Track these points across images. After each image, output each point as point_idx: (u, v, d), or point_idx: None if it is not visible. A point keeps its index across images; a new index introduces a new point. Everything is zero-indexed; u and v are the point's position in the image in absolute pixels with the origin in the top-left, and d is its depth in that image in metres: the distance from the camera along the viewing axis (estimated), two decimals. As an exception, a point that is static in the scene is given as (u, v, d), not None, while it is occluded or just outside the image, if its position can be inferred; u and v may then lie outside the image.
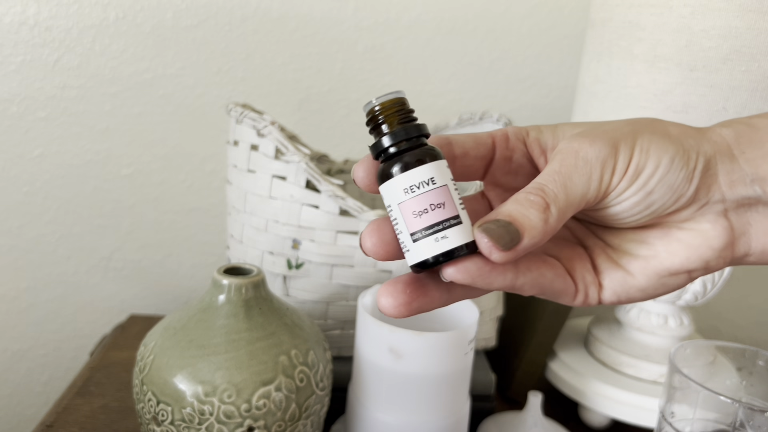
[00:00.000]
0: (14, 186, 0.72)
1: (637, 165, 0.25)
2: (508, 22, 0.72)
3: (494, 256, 0.23)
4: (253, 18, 0.70)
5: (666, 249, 0.27)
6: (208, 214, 0.76)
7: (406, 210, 0.23)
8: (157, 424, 0.40)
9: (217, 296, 0.41)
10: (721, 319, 0.83)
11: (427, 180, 0.23)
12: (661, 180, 0.25)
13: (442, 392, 0.43)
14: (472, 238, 0.23)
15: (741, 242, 0.27)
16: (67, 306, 0.77)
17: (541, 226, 0.24)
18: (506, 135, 0.28)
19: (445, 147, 0.27)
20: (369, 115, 0.25)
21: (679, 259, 0.27)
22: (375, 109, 0.24)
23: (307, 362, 0.41)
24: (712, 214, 0.27)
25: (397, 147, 0.24)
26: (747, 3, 0.43)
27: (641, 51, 0.47)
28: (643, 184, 0.25)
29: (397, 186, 0.23)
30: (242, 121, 0.51)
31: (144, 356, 0.41)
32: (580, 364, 0.58)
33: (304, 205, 0.49)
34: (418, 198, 0.23)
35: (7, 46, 0.69)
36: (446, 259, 0.23)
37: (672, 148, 0.25)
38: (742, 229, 0.27)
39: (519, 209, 0.24)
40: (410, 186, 0.23)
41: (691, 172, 0.26)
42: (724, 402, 0.36)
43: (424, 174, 0.23)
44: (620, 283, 0.27)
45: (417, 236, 0.23)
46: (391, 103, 0.24)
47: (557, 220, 0.24)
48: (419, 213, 0.23)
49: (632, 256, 0.27)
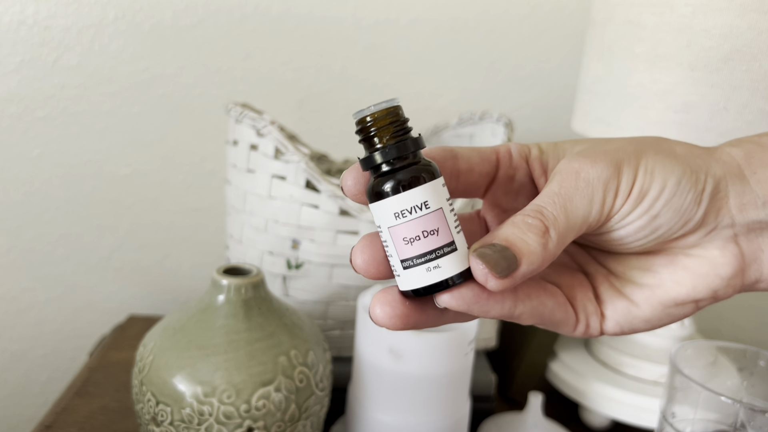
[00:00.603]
0: (13, 186, 0.72)
1: (641, 187, 0.24)
2: (509, 21, 0.72)
3: (490, 284, 0.22)
4: (252, 17, 0.70)
5: (672, 278, 0.25)
6: (207, 214, 0.76)
7: (396, 235, 0.22)
8: (157, 425, 0.40)
9: (217, 296, 0.41)
10: (722, 320, 0.83)
11: (420, 204, 0.21)
12: (667, 203, 0.24)
13: (443, 393, 0.43)
14: (468, 265, 0.22)
15: (752, 269, 0.26)
16: (66, 306, 0.77)
17: (540, 252, 0.22)
18: (510, 152, 0.27)
19: (449, 161, 0.25)
20: (359, 125, 0.22)
21: (685, 289, 0.25)
22: (366, 120, 0.22)
23: (306, 363, 0.41)
24: (721, 240, 0.25)
25: (390, 165, 0.22)
26: (748, 2, 0.43)
27: (642, 50, 0.47)
28: (649, 207, 0.24)
29: (387, 208, 0.22)
30: (242, 120, 0.50)
31: (143, 357, 0.41)
32: (581, 364, 0.58)
33: (303, 205, 0.49)
34: (410, 224, 0.21)
35: (5, 45, 0.68)
36: (439, 289, 0.22)
37: (679, 168, 0.24)
38: (753, 255, 0.26)
39: (516, 233, 0.22)
40: (401, 210, 0.21)
41: (700, 194, 0.24)
42: (725, 402, 0.36)
43: (417, 197, 0.21)
44: (624, 313, 0.26)
45: (408, 264, 0.22)
46: (385, 114, 0.22)
47: (557, 245, 0.23)
48: (411, 240, 0.22)
49: (636, 284, 0.26)
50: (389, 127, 0.22)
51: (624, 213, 0.24)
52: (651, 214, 0.24)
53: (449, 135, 0.62)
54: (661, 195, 0.24)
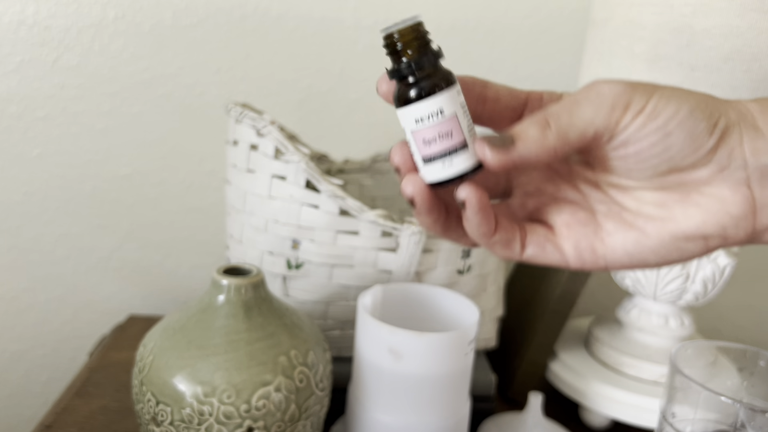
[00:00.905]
0: (13, 186, 0.72)
1: (655, 106, 0.25)
2: (509, 21, 0.72)
3: (487, 156, 0.25)
4: (252, 17, 0.70)
5: (683, 212, 0.27)
6: (207, 214, 0.76)
7: (417, 138, 0.26)
8: (157, 425, 0.40)
9: (217, 296, 0.41)
10: (722, 320, 0.83)
11: (436, 111, 0.25)
12: (680, 123, 0.25)
13: (443, 393, 0.43)
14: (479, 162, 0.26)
15: (763, 214, 0.27)
16: (66, 306, 0.77)
17: (537, 138, 0.25)
18: (541, 96, 0.29)
19: (478, 87, 0.28)
20: (386, 40, 0.26)
21: (695, 223, 0.26)
22: (393, 36, 0.26)
23: (306, 363, 0.41)
24: (733, 181, 0.26)
25: (412, 76, 0.25)
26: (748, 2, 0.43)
27: (642, 50, 0.47)
28: (663, 124, 0.25)
29: (409, 115, 0.26)
30: (242, 120, 0.50)
31: (143, 357, 0.41)
32: (581, 364, 0.58)
33: (303, 205, 0.49)
34: (428, 129, 0.25)
35: (5, 45, 0.68)
36: (453, 182, 0.26)
37: (694, 100, 0.26)
38: (765, 200, 0.26)
39: (520, 126, 0.26)
40: (420, 117, 0.25)
41: (712, 126, 0.26)
42: (725, 402, 0.36)
43: (434, 106, 0.25)
44: (634, 242, 0.27)
45: (427, 161, 0.26)
46: (408, 30, 0.26)
47: (556, 137, 0.25)
48: (428, 141, 0.25)
49: (648, 217, 0.27)
50: (412, 42, 0.26)
51: (637, 126, 0.25)
52: (665, 131, 0.25)
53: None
54: (675, 115, 0.25)
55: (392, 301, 0.47)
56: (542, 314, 0.58)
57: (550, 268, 0.59)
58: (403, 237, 0.48)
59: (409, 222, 0.48)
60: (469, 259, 0.53)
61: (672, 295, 0.54)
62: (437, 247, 0.51)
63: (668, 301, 0.55)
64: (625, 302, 0.59)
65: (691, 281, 0.53)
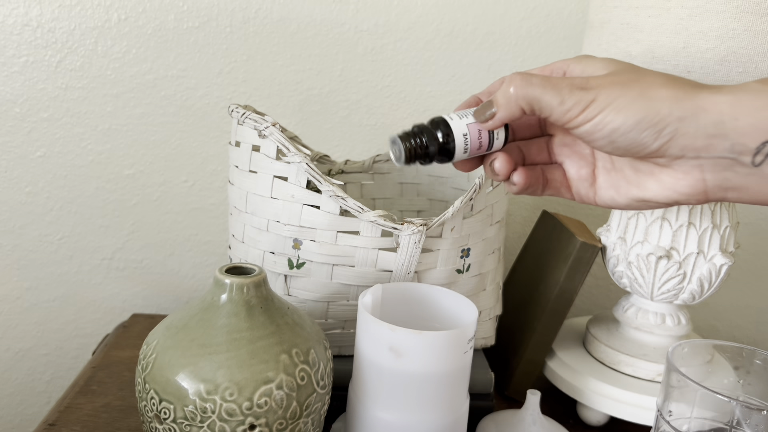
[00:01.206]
0: (17, 186, 0.73)
1: (603, 118, 0.31)
2: (507, 23, 0.73)
3: (486, 126, 0.35)
4: (254, 20, 0.71)
5: (646, 183, 0.34)
6: (209, 214, 0.76)
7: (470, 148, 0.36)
8: (159, 423, 0.40)
9: (219, 295, 0.42)
10: (718, 318, 0.83)
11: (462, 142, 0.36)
12: (623, 135, 0.31)
13: (442, 391, 0.43)
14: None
15: (714, 193, 0.32)
16: (69, 305, 0.77)
17: (505, 104, 0.33)
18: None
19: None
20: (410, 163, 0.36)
21: (652, 193, 0.34)
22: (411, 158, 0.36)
23: (308, 361, 0.42)
24: (688, 166, 0.32)
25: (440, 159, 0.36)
26: (744, 5, 0.44)
27: (639, 52, 0.48)
28: (607, 134, 0.32)
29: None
30: (244, 122, 0.51)
31: (146, 355, 0.42)
32: (579, 362, 0.58)
33: (305, 206, 0.49)
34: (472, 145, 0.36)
35: (10, 47, 0.69)
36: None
37: (643, 111, 0.31)
38: (718, 184, 0.32)
39: (497, 94, 0.34)
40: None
41: (656, 134, 0.31)
42: (721, 400, 0.36)
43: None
44: (611, 199, 0.36)
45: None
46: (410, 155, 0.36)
47: (520, 104, 0.33)
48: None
49: (625, 179, 0.35)
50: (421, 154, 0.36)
51: (584, 132, 0.32)
52: (609, 138, 0.32)
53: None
54: (619, 128, 0.31)
55: (392, 299, 0.47)
56: (540, 313, 0.58)
57: (548, 270, 0.60)
58: (403, 237, 0.49)
59: (409, 222, 0.49)
60: (468, 258, 0.53)
61: (669, 294, 0.54)
62: (437, 247, 0.51)
63: (665, 300, 0.55)
64: (622, 301, 0.59)
65: (688, 280, 0.53)
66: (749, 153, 0.30)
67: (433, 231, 0.50)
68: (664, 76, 0.32)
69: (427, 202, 0.67)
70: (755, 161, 0.31)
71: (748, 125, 0.30)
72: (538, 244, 0.66)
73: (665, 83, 0.31)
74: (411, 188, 0.67)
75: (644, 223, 0.54)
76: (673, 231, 0.53)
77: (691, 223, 0.52)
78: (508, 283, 0.67)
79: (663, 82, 0.31)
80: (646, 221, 0.54)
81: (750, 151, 0.30)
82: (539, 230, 0.67)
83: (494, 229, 0.55)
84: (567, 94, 0.32)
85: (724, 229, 0.53)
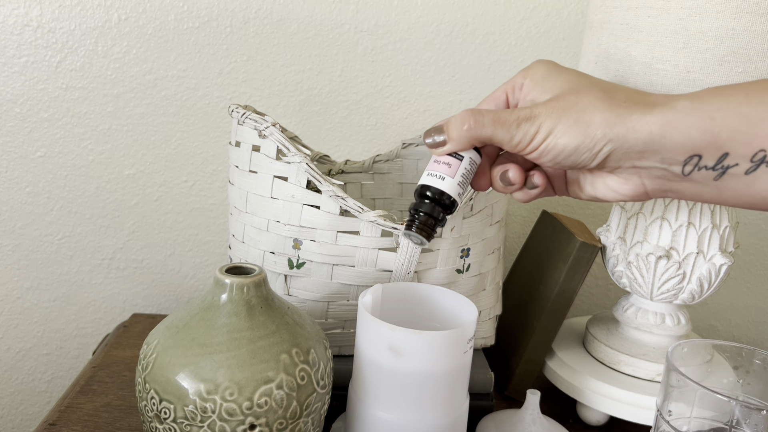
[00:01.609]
0: (18, 186, 0.73)
1: (547, 145, 0.36)
2: (507, 24, 0.73)
3: (433, 150, 0.39)
4: (254, 20, 0.71)
5: (597, 186, 0.39)
6: (209, 214, 0.76)
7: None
8: (160, 422, 0.40)
9: (219, 295, 0.42)
10: (718, 318, 0.83)
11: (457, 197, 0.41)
12: (567, 157, 0.36)
13: (442, 390, 0.43)
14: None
15: (655, 194, 0.37)
16: (70, 305, 0.77)
17: (459, 132, 0.38)
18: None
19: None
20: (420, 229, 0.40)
21: (600, 194, 0.39)
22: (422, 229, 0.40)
23: (308, 360, 0.42)
24: (627, 173, 0.37)
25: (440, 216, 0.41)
26: (744, 5, 0.44)
27: (638, 53, 0.48)
28: (553, 157, 0.37)
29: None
30: (244, 122, 0.51)
31: (146, 354, 0.42)
32: (578, 362, 0.58)
33: (305, 206, 0.50)
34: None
35: (10, 47, 0.69)
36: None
37: (580, 138, 0.35)
38: (656, 189, 0.37)
39: (449, 120, 0.39)
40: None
41: (594, 155, 0.36)
42: (721, 400, 0.36)
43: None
44: (575, 195, 0.41)
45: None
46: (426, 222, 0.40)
47: (471, 135, 0.38)
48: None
49: (586, 183, 0.40)
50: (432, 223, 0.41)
51: (534, 157, 0.37)
52: (555, 161, 0.37)
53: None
54: (562, 152, 0.36)
55: (392, 299, 0.47)
56: (540, 313, 0.58)
57: (548, 270, 0.60)
58: (403, 237, 0.49)
59: (409, 222, 0.49)
60: (467, 258, 0.53)
61: (668, 294, 0.54)
62: (437, 247, 0.51)
63: (665, 299, 0.55)
64: (621, 301, 0.59)
65: (688, 280, 0.53)
66: (679, 164, 0.34)
67: (433, 231, 0.50)
68: (603, 94, 0.36)
69: (427, 202, 0.67)
70: (684, 171, 0.35)
71: (675, 143, 0.34)
72: (537, 244, 0.66)
73: (601, 106, 0.35)
74: (411, 188, 0.67)
75: (644, 223, 0.54)
76: (672, 231, 0.53)
77: (690, 223, 0.52)
78: (508, 283, 0.67)
79: (599, 105, 0.35)
80: (645, 221, 0.54)
81: (679, 162, 0.34)
82: (539, 230, 0.67)
83: (494, 229, 0.55)
84: (515, 130, 0.36)
85: (724, 229, 0.53)
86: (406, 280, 0.51)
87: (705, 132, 0.33)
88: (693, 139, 0.33)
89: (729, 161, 0.33)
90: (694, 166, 0.34)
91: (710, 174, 0.34)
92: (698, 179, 0.35)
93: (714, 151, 0.33)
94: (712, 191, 0.35)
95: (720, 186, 0.35)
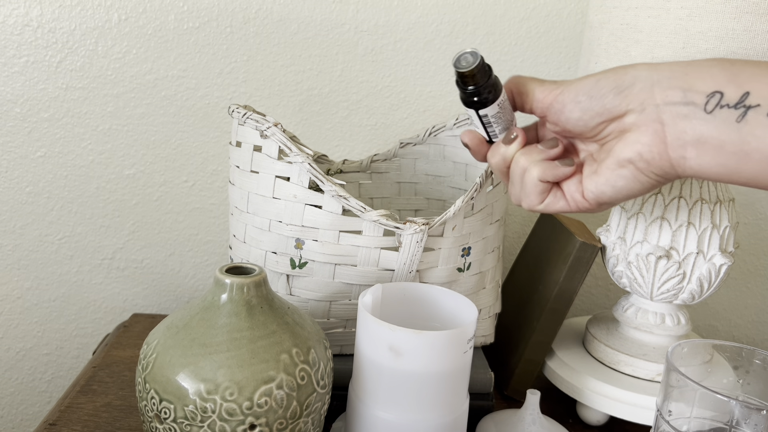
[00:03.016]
0: (18, 186, 0.73)
1: (564, 89, 0.39)
2: (507, 24, 0.73)
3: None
4: (254, 20, 0.71)
5: (615, 148, 0.38)
6: (210, 214, 0.76)
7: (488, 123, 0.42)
8: (160, 422, 0.40)
9: (220, 295, 0.42)
10: (718, 318, 0.83)
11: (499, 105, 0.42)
12: (586, 93, 0.38)
13: (442, 390, 0.43)
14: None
15: (674, 147, 0.36)
16: (70, 305, 0.77)
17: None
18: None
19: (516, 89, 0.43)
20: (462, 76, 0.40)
21: (620, 150, 0.38)
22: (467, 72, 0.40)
23: (308, 360, 0.42)
24: (649, 120, 0.37)
25: (482, 95, 0.41)
26: (743, 5, 0.44)
27: (638, 53, 0.48)
28: (574, 96, 0.38)
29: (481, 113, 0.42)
30: (245, 122, 0.51)
31: (147, 354, 0.42)
32: (578, 362, 0.58)
33: (307, 206, 0.50)
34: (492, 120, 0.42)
35: (10, 47, 0.69)
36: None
37: (597, 76, 0.38)
38: (673, 130, 0.36)
39: None
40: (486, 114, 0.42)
41: (614, 87, 0.37)
42: (720, 400, 0.37)
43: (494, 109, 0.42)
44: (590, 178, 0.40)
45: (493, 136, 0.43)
46: (479, 66, 0.39)
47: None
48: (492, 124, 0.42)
49: (598, 158, 0.40)
50: (481, 75, 0.40)
51: (557, 100, 0.39)
52: (576, 100, 0.39)
53: (446, 135, 0.63)
54: (582, 89, 0.38)
55: (392, 299, 0.48)
56: (540, 313, 0.58)
57: (547, 269, 0.60)
58: (406, 236, 0.49)
59: (411, 221, 0.49)
60: (468, 257, 0.53)
61: (668, 294, 0.54)
62: (438, 246, 0.51)
63: (665, 299, 0.55)
64: (621, 301, 0.59)
65: (688, 280, 0.54)
66: (701, 100, 0.35)
67: (435, 230, 0.50)
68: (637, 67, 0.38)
69: (425, 201, 0.67)
70: (707, 108, 0.35)
71: (697, 78, 0.35)
72: (537, 244, 0.66)
73: (629, 68, 0.38)
74: (409, 187, 0.67)
75: (644, 223, 0.54)
76: (672, 231, 0.53)
77: (690, 223, 0.52)
78: (508, 283, 0.67)
79: (627, 68, 0.38)
80: (645, 221, 0.54)
81: (702, 97, 0.35)
82: (539, 230, 0.67)
83: (494, 228, 0.56)
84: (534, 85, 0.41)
85: (724, 229, 0.53)
86: (408, 279, 0.51)
87: (725, 71, 0.35)
88: (714, 75, 0.35)
89: (751, 100, 0.34)
90: (716, 104, 0.35)
91: (732, 114, 0.34)
92: (721, 118, 0.35)
93: (735, 89, 0.34)
94: (734, 139, 0.35)
95: (743, 132, 0.34)
